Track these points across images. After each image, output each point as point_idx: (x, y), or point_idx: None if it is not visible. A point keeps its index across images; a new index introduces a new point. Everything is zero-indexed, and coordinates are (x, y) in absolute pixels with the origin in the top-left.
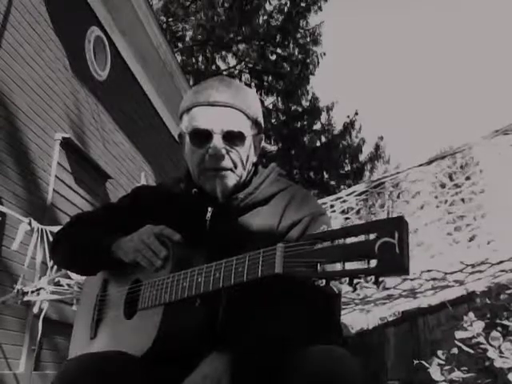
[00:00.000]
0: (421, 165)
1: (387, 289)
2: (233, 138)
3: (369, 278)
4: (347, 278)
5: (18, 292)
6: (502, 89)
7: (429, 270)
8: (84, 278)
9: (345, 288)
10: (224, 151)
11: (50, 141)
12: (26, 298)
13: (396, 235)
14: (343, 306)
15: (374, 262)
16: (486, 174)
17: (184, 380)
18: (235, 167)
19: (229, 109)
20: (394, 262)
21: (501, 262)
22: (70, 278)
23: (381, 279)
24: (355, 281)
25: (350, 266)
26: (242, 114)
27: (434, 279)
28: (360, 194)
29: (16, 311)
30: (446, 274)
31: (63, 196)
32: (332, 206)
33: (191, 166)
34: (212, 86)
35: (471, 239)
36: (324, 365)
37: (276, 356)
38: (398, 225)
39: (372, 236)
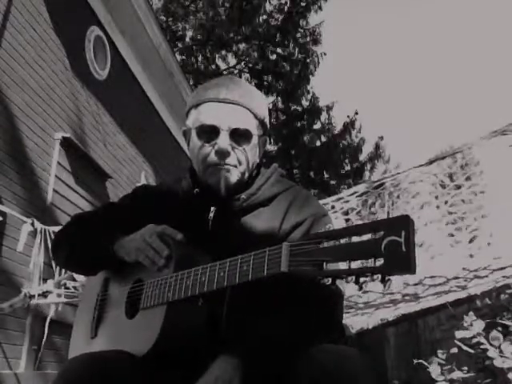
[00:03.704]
0: (421, 165)
1: (391, 293)
2: (239, 136)
3: (375, 277)
4: (353, 277)
5: (26, 295)
6: (501, 89)
7: (432, 277)
8: None
9: (348, 292)
10: (230, 148)
11: (49, 140)
12: (33, 302)
13: (402, 234)
14: (347, 310)
15: (380, 261)
16: (486, 174)
17: (190, 381)
18: (240, 164)
19: (237, 107)
20: (401, 260)
21: (502, 268)
22: (75, 280)
23: (387, 278)
24: (361, 279)
25: (356, 264)
26: (249, 113)
27: (436, 285)
28: (361, 195)
29: (16, 311)
30: (448, 279)
31: (63, 196)
32: (333, 207)
33: (196, 161)
34: (222, 84)
35: (472, 240)
36: (335, 365)
37: (282, 356)
38: (405, 223)
39: (378, 235)
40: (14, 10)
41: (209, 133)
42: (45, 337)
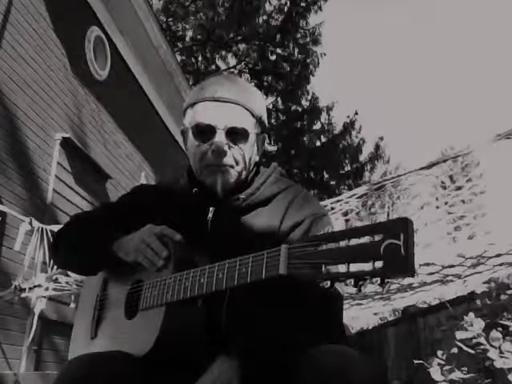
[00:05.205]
0: (422, 168)
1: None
2: (236, 135)
3: (374, 280)
4: (352, 280)
5: (16, 288)
6: (503, 89)
7: (427, 264)
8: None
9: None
10: (226, 147)
11: (50, 141)
12: (23, 295)
13: (401, 237)
14: None
15: (379, 264)
16: (487, 176)
17: (190, 382)
18: (237, 164)
19: (233, 105)
20: (400, 263)
21: (499, 254)
22: (68, 275)
23: (386, 280)
24: (360, 282)
25: (354, 267)
26: (246, 112)
27: (432, 273)
28: (361, 197)
29: (16, 311)
30: (444, 267)
31: (63, 196)
32: (332, 209)
33: (193, 161)
34: (218, 83)
35: (470, 238)
36: (335, 366)
37: (281, 357)
38: (404, 226)
39: (377, 237)
40: (13, 10)
41: (205, 132)
42: (33, 329)
